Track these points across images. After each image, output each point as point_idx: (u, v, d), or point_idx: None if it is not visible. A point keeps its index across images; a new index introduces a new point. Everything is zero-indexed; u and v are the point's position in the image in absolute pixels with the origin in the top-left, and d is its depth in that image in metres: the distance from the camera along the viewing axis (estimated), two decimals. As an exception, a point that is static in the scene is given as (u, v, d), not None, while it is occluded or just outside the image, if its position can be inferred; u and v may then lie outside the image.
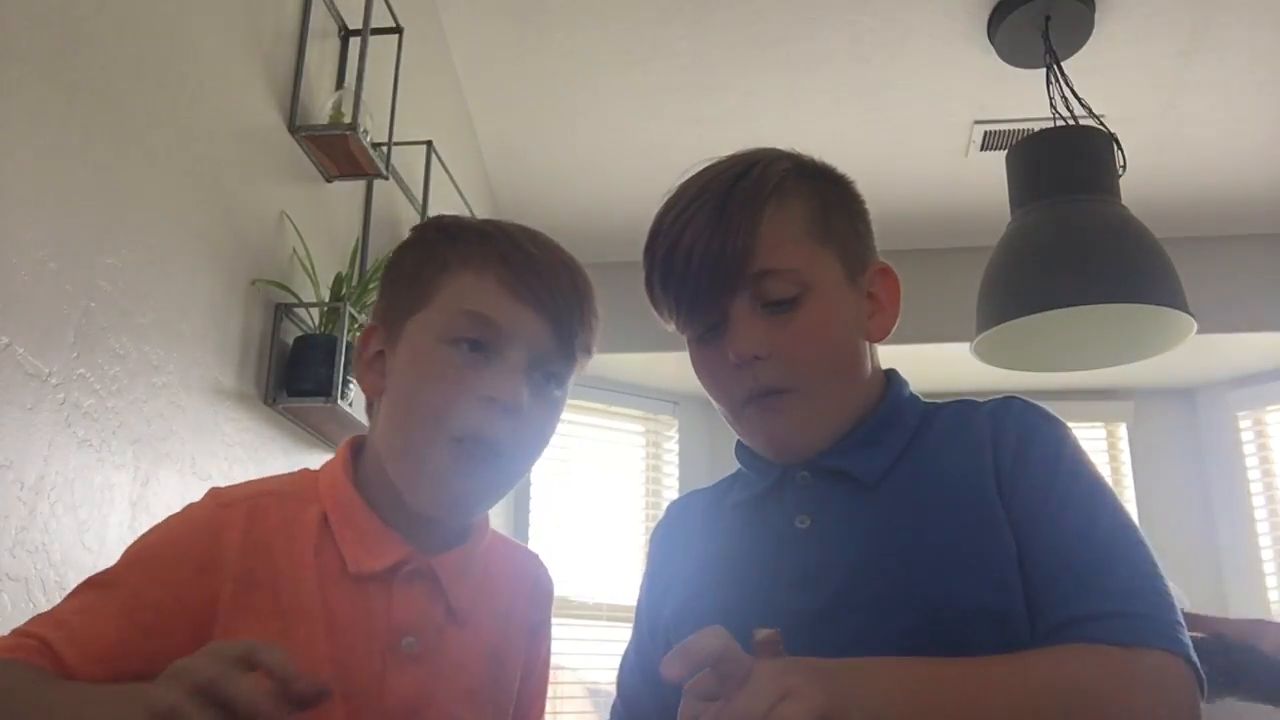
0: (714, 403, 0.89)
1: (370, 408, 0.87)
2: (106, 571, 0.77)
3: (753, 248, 0.80)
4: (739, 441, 0.93)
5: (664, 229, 0.86)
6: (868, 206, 0.90)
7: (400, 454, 0.80)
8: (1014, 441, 0.79)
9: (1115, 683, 0.66)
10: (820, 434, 0.83)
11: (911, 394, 0.89)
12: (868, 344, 0.87)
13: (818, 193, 0.85)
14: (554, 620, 0.96)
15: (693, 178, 0.88)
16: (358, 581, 0.78)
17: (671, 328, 0.90)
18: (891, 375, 0.90)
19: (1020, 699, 0.65)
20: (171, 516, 0.80)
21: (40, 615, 0.73)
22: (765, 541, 0.83)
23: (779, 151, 0.88)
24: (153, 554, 0.77)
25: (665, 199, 0.89)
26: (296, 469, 0.89)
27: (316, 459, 1.72)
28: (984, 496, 0.77)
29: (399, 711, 0.77)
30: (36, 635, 0.70)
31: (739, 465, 0.93)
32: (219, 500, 0.80)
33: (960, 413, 0.85)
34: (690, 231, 0.82)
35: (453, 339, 0.79)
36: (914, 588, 0.74)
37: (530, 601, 0.91)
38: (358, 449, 0.86)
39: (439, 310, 0.81)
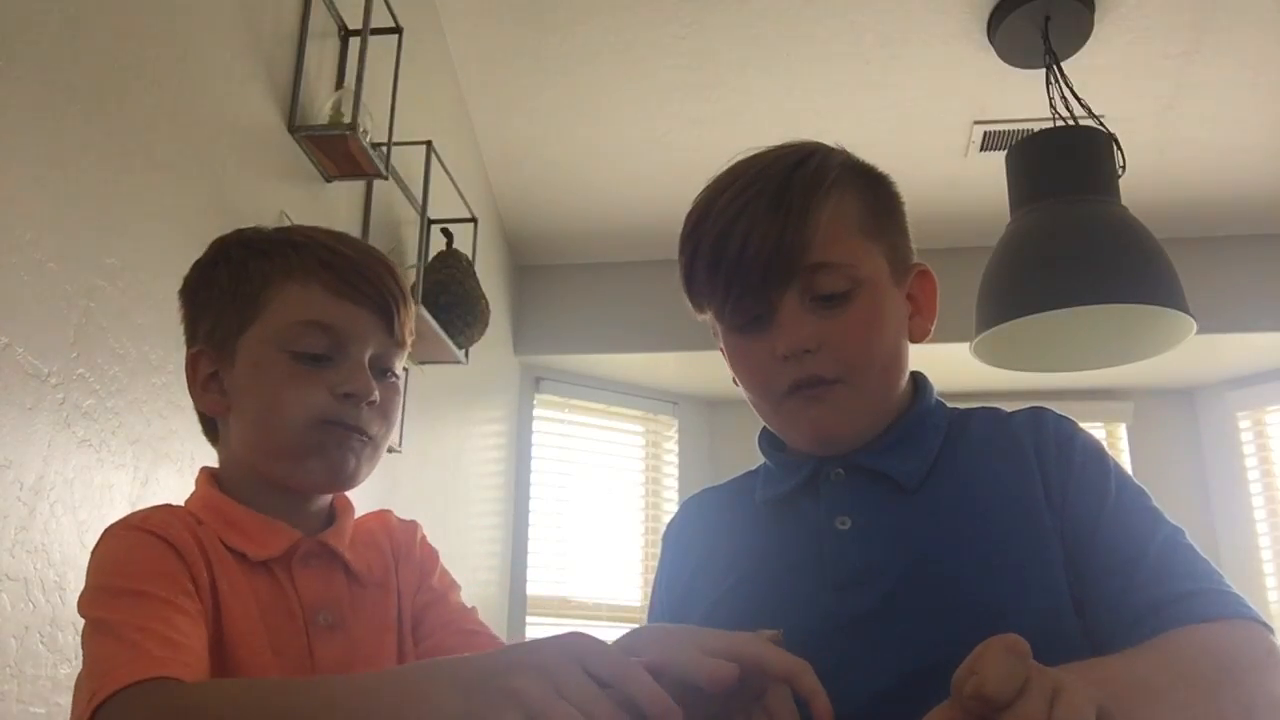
0: (747, 394, 0.87)
1: (209, 429, 0.91)
2: (116, 594, 0.74)
3: (811, 239, 0.79)
4: (764, 436, 0.92)
5: (713, 214, 0.82)
6: None
7: (273, 453, 0.84)
8: (1055, 450, 0.80)
9: (1253, 649, 0.68)
10: (862, 427, 0.83)
11: (937, 399, 0.89)
12: (908, 345, 0.87)
13: (869, 189, 0.86)
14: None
15: (741, 164, 0.86)
16: (265, 568, 0.82)
17: (705, 317, 0.89)
18: (919, 379, 0.90)
19: (1185, 672, 0.66)
20: (111, 557, 0.78)
21: (106, 661, 0.68)
22: (802, 541, 0.83)
23: (827, 145, 0.87)
24: (140, 562, 0.76)
25: (710, 184, 0.86)
26: None
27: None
28: (1030, 504, 0.78)
29: None
30: (154, 676, 0.65)
31: (763, 460, 0.92)
32: (132, 523, 0.80)
33: (992, 421, 0.86)
34: (746, 218, 0.80)
35: (294, 350, 0.83)
36: (966, 593, 0.74)
37: (399, 546, 0.93)
38: (213, 475, 0.89)
39: (273, 323, 0.84)
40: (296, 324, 0.83)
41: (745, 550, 0.87)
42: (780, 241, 0.79)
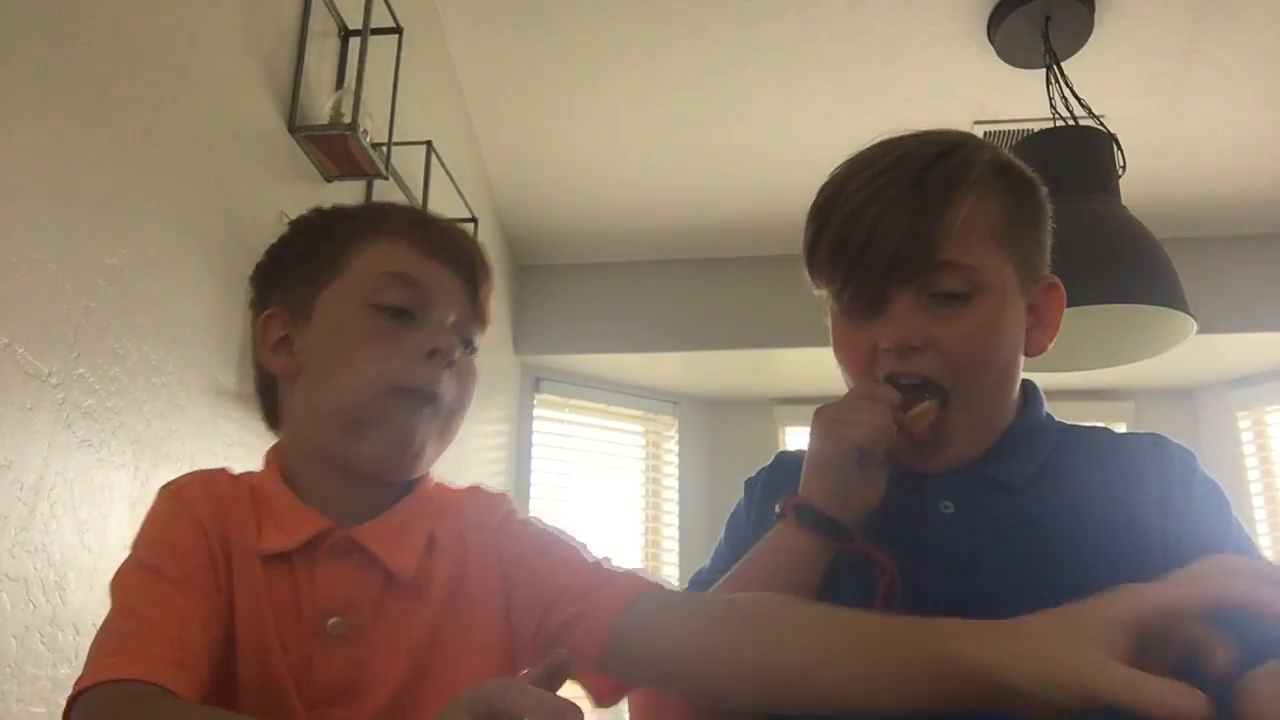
0: (846, 380, 0.84)
1: (269, 408, 0.85)
2: (136, 566, 0.73)
3: (940, 237, 0.76)
4: None
5: (846, 193, 0.79)
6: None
7: (336, 417, 0.77)
8: (1179, 474, 0.78)
9: None
10: (958, 448, 0.80)
11: (1047, 412, 0.87)
12: (1021, 358, 0.83)
13: (1012, 193, 0.82)
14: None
15: (885, 144, 0.82)
16: (284, 559, 0.76)
17: (820, 292, 0.85)
18: (1029, 388, 0.87)
19: None
20: (143, 525, 0.77)
21: (93, 649, 0.67)
22: (900, 520, 0.80)
23: (979, 139, 0.84)
24: (164, 532, 0.75)
25: (850, 159, 0.83)
26: None
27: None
28: (1142, 519, 0.76)
29: (326, 698, 0.74)
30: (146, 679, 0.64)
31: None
32: (172, 488, 0.79)
33: (1108, 439, 0.84)
34: (878, 204, 0.77)
35: (376, 303, 0.78)
36: (1067, 594, 0.73)
37: (484, 530, 0.83)
38: (278, 451, 0.84)
39: (357, 277, 0.80)
40: (381, 275, 0.79)
41: None
42: (909, 234, 0.75)
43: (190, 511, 0.76)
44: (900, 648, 0.61)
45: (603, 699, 0.76)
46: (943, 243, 0.76)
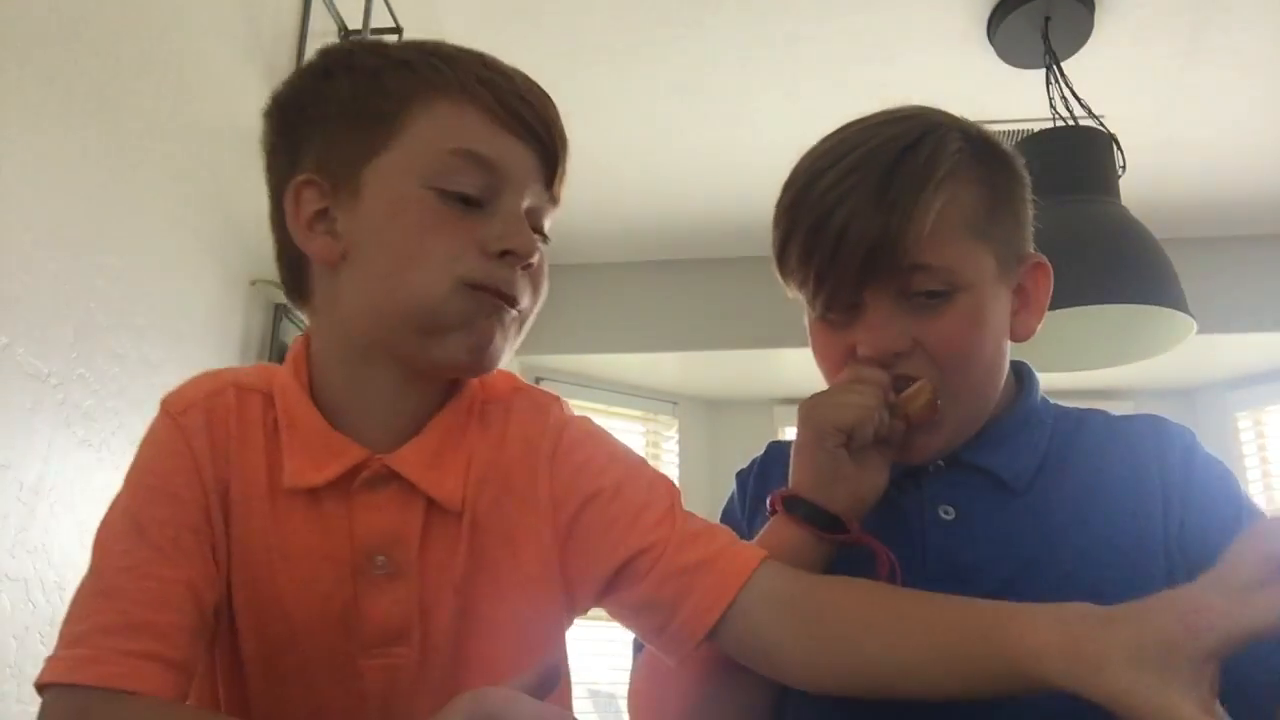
0: (825, 381, 0.82)
1: (295, 287, 0.73)
2: (120, 514, 0.67)
3: (912, 240, 0.73)
4: None
5: (813, 196, 0.76)
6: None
7: (403, 319, 0.66)
8: (1179, 458, 0.77)
9: None
10: (948, 440, 0.78)
11: (1043, 396, 0.85)
12: (1008, 345, 0.81)
13: (987, 179, 0.78)
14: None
15: (850, 135, 0.79)
16: (309, 495, 0.67)
17: (792, 295, 0.83)
18: (1023, 371, 0.85)
19: None
20: (140, 449, 0.70)
21: (63, 628, 0.64)
22: (898, 527, 0.78)
23: (948, 122, 0.80)
24: (154, 474, 0.68)
25: (814, 152, 0.80)
26: None
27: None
28: (1145, 514, 0.75)
29: (380, 639, 0.68)
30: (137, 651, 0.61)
31: None
32: (174, 409, 0.70)
33: (1106, 425, 0.82)
34: (846, 208, 0.74)
35: (442, 187, 0.66)
36: (1071, 593, 0.70)
37: (534, 447, 0.74)
38: (306, 346, 0.73)
39: (416, 150, 0.67)
40: (447, 153, 0.67)
41: None
42: (879, 240, 0.73)
43: (188, 447, 0.67)
44: (975, 646, 0.61)
45: (682, 661, 0.73)
46: (914, 247, 0.73)
